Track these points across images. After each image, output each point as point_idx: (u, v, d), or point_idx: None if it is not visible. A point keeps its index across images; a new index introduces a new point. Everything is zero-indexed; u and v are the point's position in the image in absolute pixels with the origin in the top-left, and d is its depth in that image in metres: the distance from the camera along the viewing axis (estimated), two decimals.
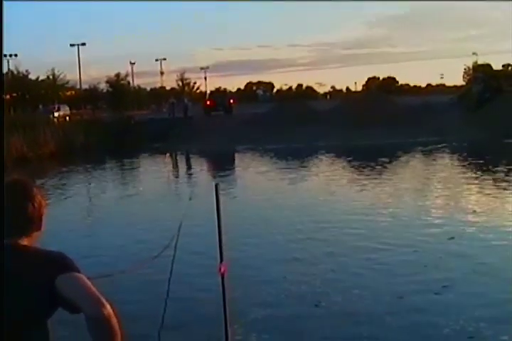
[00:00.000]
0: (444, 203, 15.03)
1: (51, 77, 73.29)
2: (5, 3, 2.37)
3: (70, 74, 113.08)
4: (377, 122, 35.07)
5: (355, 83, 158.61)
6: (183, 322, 6.83)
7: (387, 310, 7.44)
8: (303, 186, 19.86)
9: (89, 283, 2.28)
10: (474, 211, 13.56)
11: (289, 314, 7.44)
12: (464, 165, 23.41)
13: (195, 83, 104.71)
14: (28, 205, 2.44)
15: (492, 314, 7.07)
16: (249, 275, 8.92)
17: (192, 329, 6.80)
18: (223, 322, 4.34)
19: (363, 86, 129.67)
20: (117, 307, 2.27)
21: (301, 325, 7.07)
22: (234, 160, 32.28)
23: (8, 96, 66.18)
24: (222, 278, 4.18)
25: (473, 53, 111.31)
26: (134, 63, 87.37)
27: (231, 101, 50.52)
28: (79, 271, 2.33)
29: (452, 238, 10.86)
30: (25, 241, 2.44)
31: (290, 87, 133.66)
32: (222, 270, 4.15)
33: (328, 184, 19.38)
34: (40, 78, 72.58)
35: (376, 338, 6.66)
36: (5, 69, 67.12)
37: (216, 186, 4.25)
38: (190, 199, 13.41)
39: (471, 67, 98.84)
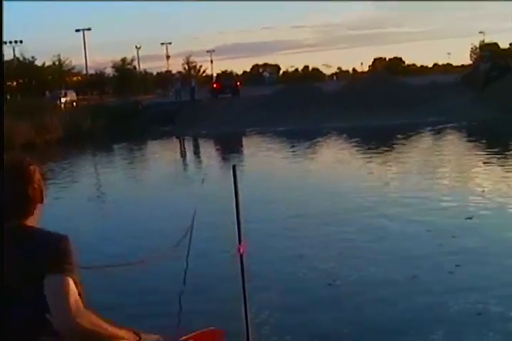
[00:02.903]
0: (460, 183, 14.92)
1: (57, 62, 73.28)
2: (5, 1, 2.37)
3: (75, 60, 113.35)
4: (385, 103, 34.96)
5: (362, 64, 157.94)
6: (201, 300, 6.86)
7: (399, 289, 7.48)
8: (315, 166, 19.85)
9: (70, 291, 2.26)
10: (493, 190, 13.40)
11: (302, 293, 7.47)
12: (476, 144, 23.28)
13: (201, 66, 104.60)
14: (29, 188, 2.44)
15: (503, 293, 7.06)
16: (266, 253, 8.97)
17: (210, 307, 6.84)
18: (242, 303, 4.37)
19: (370, 67, 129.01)
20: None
21: (314, 304, 7.11)
22: (242, 142, 32.27)
23: (14, 83, 66.28)
24: (241, 258, 4.21)
25: (480, 32, 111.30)
26: (139, 47, 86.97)
27: (238, 83, 50.42)
28: (70, 269, 2.32)
29: (470, 218, 10.76)
30: (29, 220, 2.45)
31: (296, 69, 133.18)
32: (241, 250, 4.17)
33: (340, 163, 19.40)
34: (46, 64, 72.56)
35: (385, 317, 6.70)
36: (11, 56, 67.19)
37: (233, 167, 4.25)
38: (202, 182, 13.41)
39: (477, 46, 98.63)
